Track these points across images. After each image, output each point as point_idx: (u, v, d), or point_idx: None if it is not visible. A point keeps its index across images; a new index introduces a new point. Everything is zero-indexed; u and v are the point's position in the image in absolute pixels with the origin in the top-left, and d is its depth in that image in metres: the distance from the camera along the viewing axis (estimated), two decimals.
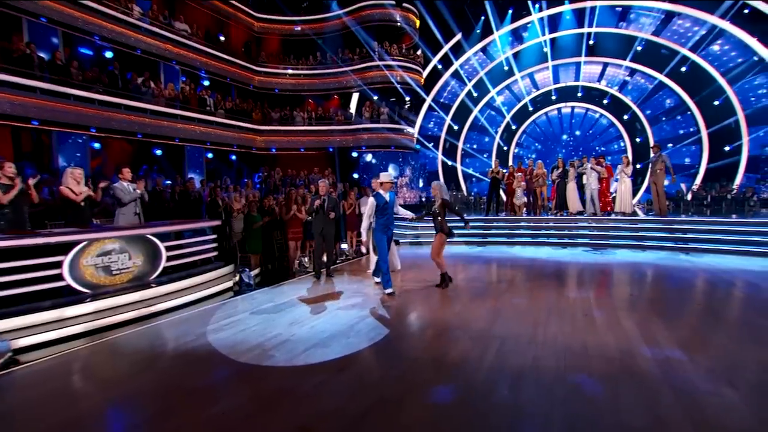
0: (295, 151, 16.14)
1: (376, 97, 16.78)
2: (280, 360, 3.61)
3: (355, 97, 17.21)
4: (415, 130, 18.83)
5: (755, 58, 15.05)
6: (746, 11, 14.99)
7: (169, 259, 5.84)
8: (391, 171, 16.15)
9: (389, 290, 5.72)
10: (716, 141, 16.05)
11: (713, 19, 15.28)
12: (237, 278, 6.37)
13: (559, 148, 19.83)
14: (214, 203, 9.07)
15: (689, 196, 14.36)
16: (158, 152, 12.46)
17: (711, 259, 8.14)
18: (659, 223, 10.10)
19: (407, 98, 17.67)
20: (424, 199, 16.36)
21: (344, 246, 9.31)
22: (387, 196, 5.79)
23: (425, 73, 19.24)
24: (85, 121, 9.98)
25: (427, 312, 4.94)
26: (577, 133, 19.77)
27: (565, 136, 20.02)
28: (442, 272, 6.00)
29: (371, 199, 5.79)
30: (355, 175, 15.94)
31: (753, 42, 15.01)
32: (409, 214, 6.26)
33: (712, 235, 9.24)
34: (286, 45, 17.73)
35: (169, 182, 10.11)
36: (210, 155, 14.27)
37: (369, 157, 15.96)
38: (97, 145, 11.00)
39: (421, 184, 17.81)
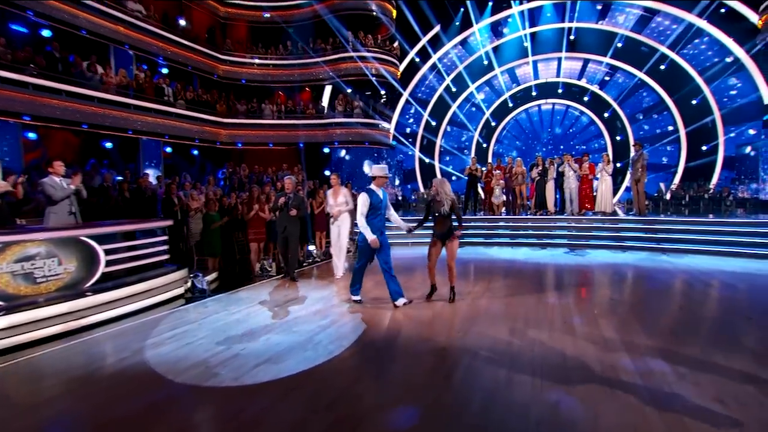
0: (262, 147, 15.64)
1: (349, 90, 16.46)
2: (225, 379, 3.28)
3: (328, 89, 16.84)
4: (391, 126, 18.59)
5: (730, 58, 15.54)
6: (723, 11, 15.48)
7: (109, 263, 5.39)
8: (367, 168, 15.90)
9: (356, 297, 5.43)
10: (694, 140, 16.50)
11: (691, 18, 15.70)
12: (189, 284, 5.95)
13: (540, 145, 20.01)
14: (169, 201, 8.57)
15: (668, 196, 14.69)
16: (108, 145, 11.75)
17: (690, 260, 8.24)
18: (639, 223, 10.21)
19: (382, 92, 17.41)
20: (400, 198, 16.17)
21: (311, 248, 8.98)
22: (380, 194, 5.11)
23: (402, 67, 19.02)
24: (16, 107, 9.15)
25: (395, 322, 4.70)
26: (558, 130, 20.00)
27: (545, 134, 20.22)
28: (433, 283, 5.49)
29: (362, 196, 5.05)
30: (327, 172, 15.56)
31: (729, 42, 15.50)
32: (402, 223, 5.46)
33: (690, 235, 9.40)
34: (255, 33, 17.17)
35: (120, 178, 9.51)
36: (169, 149, 13.63)
37: (342, 153, 15.63)
38: (32, 135, 10.22)
39: (397, 182, 17.60)
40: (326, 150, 15.68)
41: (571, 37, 17.90)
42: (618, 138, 18.22)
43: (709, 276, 6.81)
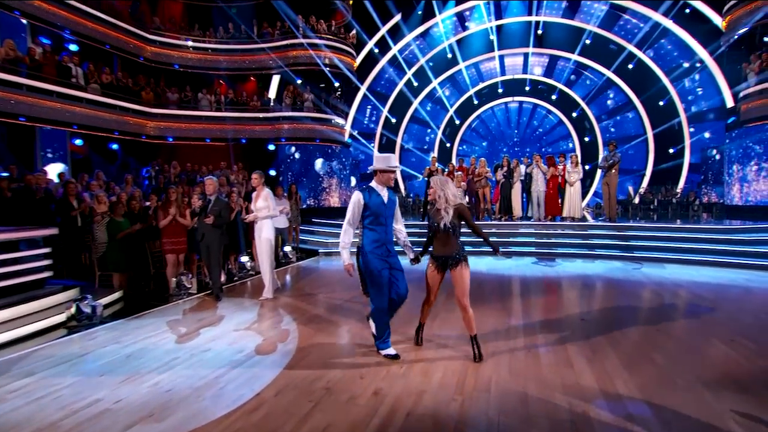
0: (198, 142, 14.55)
1: (299, 81, 15.71)
2: None
3: (276, 80, 16.00)
4: (347, 122, 18.00)
5: (695, 60, 16.12)
6: (687, 11, 16.06)
7: None
8: (319, 166, 15.19)
9: (387, 351, 3.91)
10: (661, 142, 16.99)
11: (657, 17, 16.18)
12: (73, 309, 5.04)
13: (507, 146, 20.04)
14: (66, 204, 7.53)
15: (636, 200, 14.98)
16: None
17: (663, 270, 8.14)
18: (610, 230, 10.13)
19: (336, 84, 16.77)
20: None
21: (244, 259, 8.19)
22: (384, 194, 3.82)
23: (359, 59, 18.50)
24: None
25: (323, 356, 4.06)
26: (526, 130, 20.11)
27: (512, 134, 20.28)
28: (422, 322, 4.23)
29: (355, 196, 3.81)
30: (272, 172, 14.72)
31: (694, 43, 16.09)
32: (410, 247, 4.03)
33: (662, 242, 9.38)
34: (191, 12, 16.08)
35: (5, 174, 8.29)
36: (79, 142, 12.29)
37: (292, 151, 14.83)
38: None
39: (353, 183, 16.99)
40: (272, 147, 14.81)
41: (539, 32, 18.03)
42: (586, 139, 18.51)
43: (686, 289, 6.66)
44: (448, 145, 20.22)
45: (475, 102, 19.88)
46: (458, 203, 3.75)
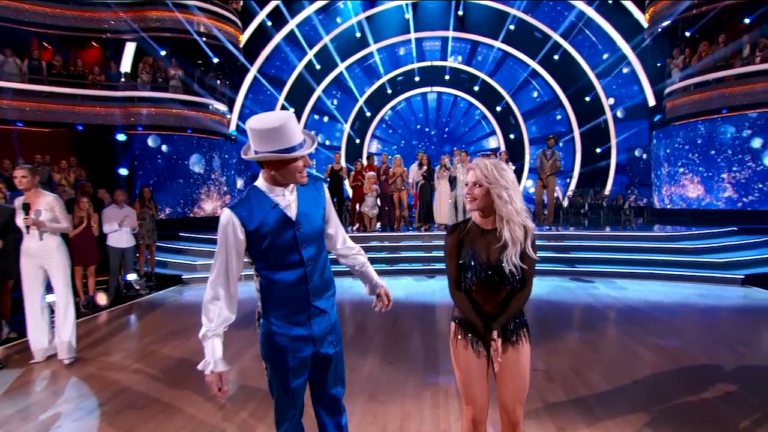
0: (3, 126, 11.53)
1: (164, 53, 13.52)
2: None
3: (130, 49, 13.62)
4: (232, 111, 16.13)
5: (619, 55, 16.84)
6: (610, 1, 16.74)
7: None
8: (198, 165, 13.14)
9: None
10: (589, 142, 17.48)
11: (581, 5, 16.65)
12: None
13: (424, 143, 19.48)
14: None
15: (566, 203, 15.11)
16: None
17: (612, 288, 7.63)
18: (547, 240, 9.65)
19: (216, 60, 14.83)
20: None
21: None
22: (291, 199, 2.05)
23: (248, 32, 16.77)
24: None
25: None
26: (447, 126, 19.74)
27: (431, 129, 19.80)
28: None
29: (224, 218, 1.96)
30: (124, 171, 12.32)
31: (617, 37, 16.82)
32: (375, 279, 2.39)
33: (606, 254, 9.06)
34: None
35: None
36: None
37: (152, 143, 12.59)
38: None
39: (239, 185, 15.15)
40: (122, 137, 12.42)
41: (460, 12, 17.74)
42: (512, 136, 18.55)
43: (644, 314, 6.06)
44: (357, 140, 19.15)
45: (389, 91, 19.09)
46: (524, 221, 2.13)
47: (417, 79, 19.00)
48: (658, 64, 15.30)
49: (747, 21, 12.46)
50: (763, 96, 11.14)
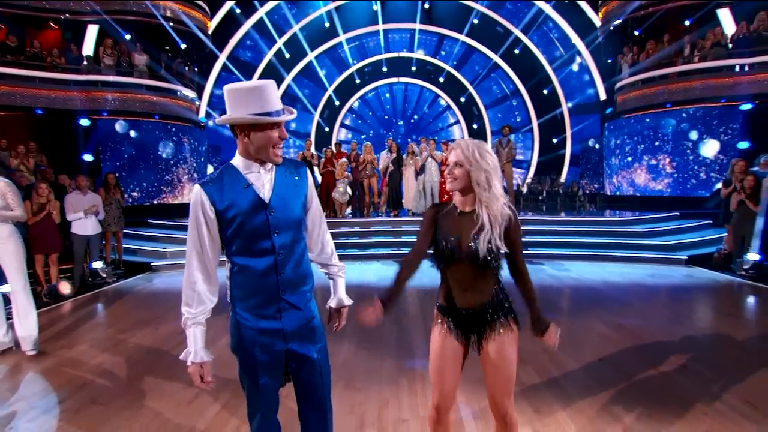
0: None
1: (128, 37, 12.65)
2: None
3: (92, 32, 12.65)
4: (201, 98, 15.39)
5: (574, 50, 17.00)
6: (566, 0, 16.81)
7: None
8: (166, 151, 12.44)
9: None
10: (546, 132, 17.68)
11: (539, 3, 16.65)
12: None
13: (392, 132, 19.23)
14: None
15: (525, 189, 15.28)
16: None
17: (570, 270, 7.68)
18: None
19: (183, 46, 14.02)
20: None
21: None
22: (267, 180, 1.79)
23: (216, 19, 15.95)
24: None
25: None
26: (413, 115, 19.52)
27: (398, 119, 19.55)
28: None
29: (195, 195, 1.74)
30: (88, 156, 11.53)
31: (572, 33, 16.95)
32: (337, 278, 2.29)
33: (562, 237, 9.13)
34: None
35: None
36: None
37: (119, 128, 11.81)
38: None
39: (210, 172, 14.51)
40: (86, 122, 11.58)
41: (426, 6, 17.44)
42: (475, 126, 18.54)
43: (604, 294, 6.10)
44: (326, 129, 18.69)
45: (357, 81, 18.67)
46: (504, 210, 1.95)
47: (385, 69, 18.66)
48: (609, 61, 15.57)
49: (687, 23, 12.74)
50: (701, 92, 11.48)
